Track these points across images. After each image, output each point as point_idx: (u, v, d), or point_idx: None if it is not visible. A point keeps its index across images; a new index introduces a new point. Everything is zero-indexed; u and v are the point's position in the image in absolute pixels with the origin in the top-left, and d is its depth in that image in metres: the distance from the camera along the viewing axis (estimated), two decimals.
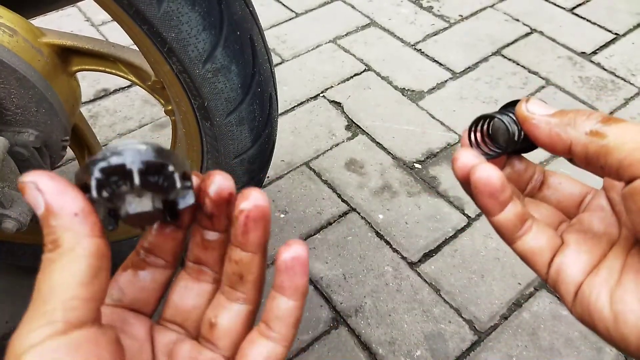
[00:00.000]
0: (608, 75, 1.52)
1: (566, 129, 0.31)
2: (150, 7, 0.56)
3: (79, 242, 0.27)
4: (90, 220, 0.28)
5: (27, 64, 0.68)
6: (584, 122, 0.30)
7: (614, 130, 0.29)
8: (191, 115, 0.70)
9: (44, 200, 0.27)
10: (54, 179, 0.27)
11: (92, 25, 1.66)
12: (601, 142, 0.29)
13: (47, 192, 0.27)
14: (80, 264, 0.27)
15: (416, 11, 1.76)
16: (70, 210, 0.27)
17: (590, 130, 0.29)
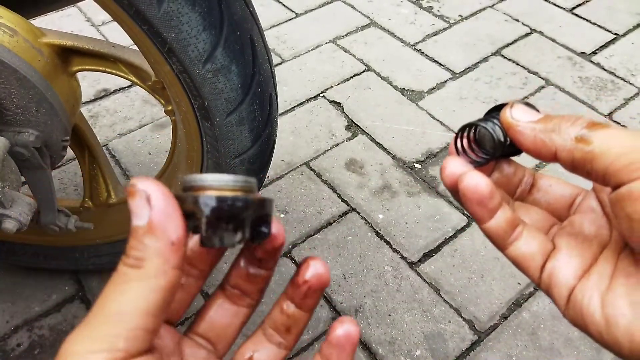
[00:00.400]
0: (608, 75, 1.52)
1: (551, 135, 0.31)
2: (151, 7, 0.57)
3: (165, 273, 0.26)
4: (181, 253, 0.27)
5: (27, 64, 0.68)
6: (569, 129, 0.30)
7: (599, 136, 0.28)
8: (191, 115, 0.70)
9: (149, 216, 0.26)
10: (165, 197, 0.26)
11: (93, 26, 1.66)
12: (586, 149, 0.29)
13: (156, 210, 0.26)
14: (157, 295, 0.26)
15: (416, 11, 1.76)
16: (170, 238, 0.26)
17: (575, 136, 0.29)
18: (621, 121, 1.39)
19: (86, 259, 1.00)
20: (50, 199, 0.80)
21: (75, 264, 1.02)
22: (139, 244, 0.26)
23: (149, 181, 0.26)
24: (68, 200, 0.99)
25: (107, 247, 0.97)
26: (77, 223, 0.87)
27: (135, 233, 0.26)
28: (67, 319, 1.01)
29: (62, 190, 1.22)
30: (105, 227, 0.95)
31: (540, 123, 0.31)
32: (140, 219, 0.26)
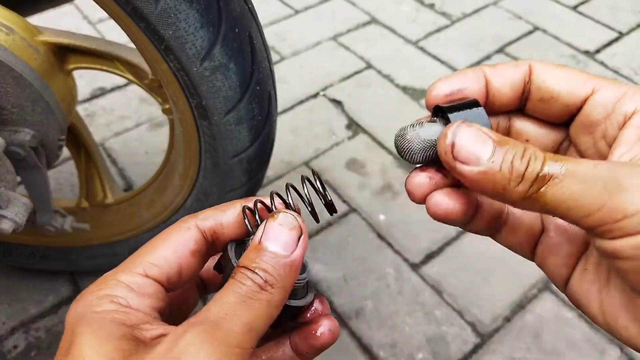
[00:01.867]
0: (612, 74, 1.51)
1: (501, 190, 0.28)
2: (148, 5, 0.55)
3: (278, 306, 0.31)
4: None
5: (23, 62, 0.67)
6: (517, 188, 0.27)
7: (550, 194, 0.27)
8: (189, 114, 0.68)
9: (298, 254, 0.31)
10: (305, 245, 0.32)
11: (90, 23, 1.65)
12: (537, 206, 0.28)
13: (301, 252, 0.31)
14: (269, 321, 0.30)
15: (417, 8, 1.75)
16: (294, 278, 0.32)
17: (525, 196, 0.28)
18: None
19: (82, 260, 0.99)
20: (46, 199, 0.79)
21: (72, 265, 1.01)
22: (275, 270, 0.29)
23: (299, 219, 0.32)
24: (64, 201, 0.98)
25: (104, 248, 0.96)
26: (73, 224, 0.86)
27: (274, 258, 0.30)
28: (63, 321, 0.99)
29: (58, 190, 1.21)
30: (101, 227, 0.94)
31: (485, 178, 0.28)
32: (287, 249, 0.30)
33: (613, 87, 0.32)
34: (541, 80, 0.33)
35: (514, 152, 0.27)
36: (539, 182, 0.27)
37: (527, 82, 0.33)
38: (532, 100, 0.34)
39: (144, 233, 0.91)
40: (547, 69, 0.33)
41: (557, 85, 0.33)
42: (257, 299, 0.28)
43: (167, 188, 0.86)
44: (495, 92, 0.34)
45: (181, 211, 0.84)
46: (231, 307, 0.28)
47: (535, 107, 0.34)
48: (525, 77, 0.33)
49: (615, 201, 0.25)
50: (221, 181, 0.76)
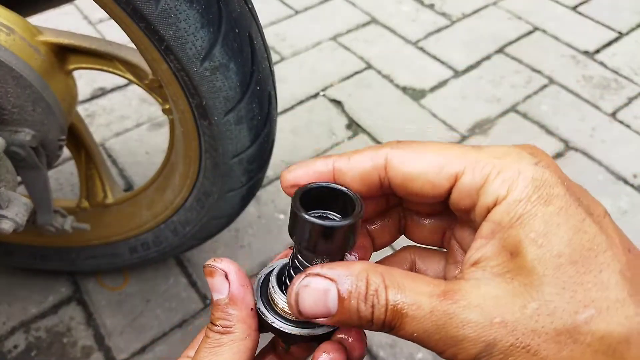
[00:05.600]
0: (611, 74, 1.51)
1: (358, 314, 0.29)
2: (148, 5, 0.55)
3: (249, 335, 0.31)
4: (257, 317, 0.32)
5: (24, 62, 0.67)
6: (372, 328, 0.29)
7: (400, 334, 0.28)
8: (189, 114, 0.69)
9: (229, 290, 0.31)
10: (240, 273, 0.32)
11: (90, 24, 1.65)
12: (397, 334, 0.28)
13: (234, 284, 0.31)
14: (246, 354, 0.31)
15: (417, 9, 1.75)
16: (248, 305, 0.32)
17: (382, 330, 0.29)
18: (625, 120, 1.38)
19: (82, 260, 0.99)
20: (47, 199, 0.79)
21: (72, 265, 1.01)
22: (224, 314, 0.31)
23: (225, 261, 0.32)
24: (64, 201, 0.98)
25: (104, 248, 0.96)
26: (73, 224, 0.86)
27: (217, 305, 0.32)
28: (63, 321, 1.00)
29: (58, 190, 1.21)
30: (101, 227, 0.94)
31: (338, 320, 0.29)
32: (221, 294, 0.31)
33: (475, 170, 0.29)
34: (397, 163, 0.31)
35: (357, 295, 0.28)
36: (387, 326, 0.28)
37: (382, 172, 0.31)
38: (396, 188, 0.31)
39: (145, 233, 0.91)
40: (405, 152, 0.30)
41: (413, 168, 0.30)
42: (222, 343, 0.31)
43: (168, 188, 0.86)
44: (346, 184, 0.32)
45: (181, 211, 0.84)
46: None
47: (403, 194, 0.32)
48: (379, 166, 0.31)
49: (454, 348, 0.26)
50: (221, 181, 0.76)
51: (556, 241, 0.26)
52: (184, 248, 0.94)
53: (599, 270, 0.26)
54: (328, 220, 0.29)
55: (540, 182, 0.27)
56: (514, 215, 0.27)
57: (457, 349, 0.26)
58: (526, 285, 0.26)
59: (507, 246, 0.27)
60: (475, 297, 0.26)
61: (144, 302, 1.02)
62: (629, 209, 1.19)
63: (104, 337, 0.98)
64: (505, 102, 1.44)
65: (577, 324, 0.25)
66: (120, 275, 1.06)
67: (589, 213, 0.27)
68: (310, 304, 0.29)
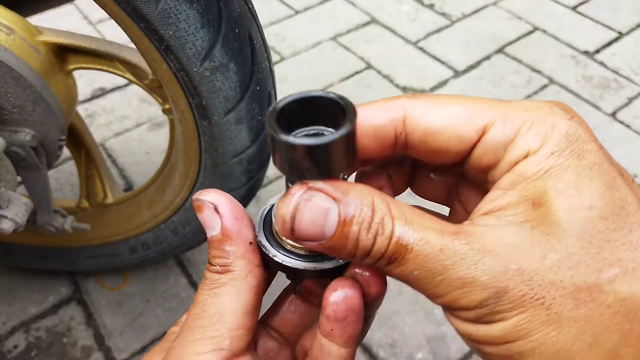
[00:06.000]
0: (611, 74, 1.51)
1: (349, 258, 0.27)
2: (148, 5, 0.55)
3: (250, 271, 0.28)
4: (258, 251, 0.29)
5: (24, 62, 0.67)
6: (365, 261, 0.26)
7: (396, 272, 0.26)
8: (189, 114, 0.69)
9: (221, 224, 0.28)
10: (232, 203, 0.28)
11: (90, 24, 1.65)
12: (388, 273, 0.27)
13: (226, 216, 0.28)
14: (250, 294, 0.28)
15: (417, 9, 1.75)
16: (247, 239, 0.28)
17: (374, 266, 0.26)
18: (625, 120, 1.38)
19: (82, 260, 0.99)
20: (47, 199, 0.79)
21: (72, 265, 1.01)
22: (220, 252, 0.28)
23: (212, 192, 0.28)
24: (64, 201, 0.98)
25: (104, 248, 0.96)
26: (73, 224, 0.86)
27: (212, 243, 0.28)
28: (63, 321, 1.00)
29: (58, 190, 1.21)
30: (101, 227, 0.94)
31: (331, 246, 0.26)
32: (213, 230, 0.28)
33: (506, 123, 0.27)
34: (419, 115, 0.28)
35: (360, 221, 0.25)
36: (385, 260, 0.25)
37: (399, 125, 0.28)
38: (414, 144, 0.29)
39: (145, 233, 0.91)
40: (426, 103, 0.28)
41: (437, 119, 0.28)
42: (222, 283, 0.28)
43: (168, 188, 0.86)
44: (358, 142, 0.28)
45: (181, 211, 0.84)
46: (211, 309, 0.28)
47: (420, 152, 0.29)
48: (396, 119, 0.28)
49: (459, 291, 0.24)
50: (221, 181, 0.76)
51: (588, 194, 0.25)
52: (184, 248, 0.94)
53: (629, 230, 0.24)
54: (315, 138, 0.24)
55: (575, 137, 0.26)
56: (543, 167, 0.25)
57: (461, 293, 0.24)
58: (548, 235, 0.24)
59: (530, 196, 0.25)
60: (490, 241, 0.24)
61: (144, 302, 1.02)
62: None
63: (104, 337, 0.98)
64: None
65: (599, 282, 0.24)
66: (120, 275, 1.06)
67: (621, 173, 0.26)
68: (307, 222, 0.25)
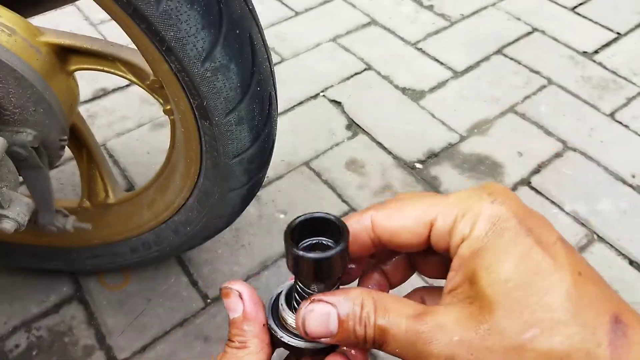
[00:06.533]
0: (610, 74, 1.52)
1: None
2: (149, 6, 0.56)
3: (263, 349, 0.35)
4: (269, 333, 0.36)
5: (25, 63, 0.67)
6: (366, 347, 0.33)
7: (386, 351, 0.32)
8: (190, 115, 0.69)
9: (243, 309, 0.35)
10: (252, 292, 0.36)
11: (91, 24, 1.65)
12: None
13: (247, 302, 0.35)
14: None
15: (417, 10, 1.75)
16: (261, 321, 0.36)
17: (373, 349, 0.34)
18: (623, 121, 1.39)
19: (84, 260, 1.00)
20: (48, 199, 0.79)
21: (73, 264, 1.01)
22: (240, 330, 0.35)
23: (238, 282, 0.36)
24: (66, 201, 0.98)
25: (105, 247, 0.96)
26: (75, 223, 0.86)
27: (234, 323, 0.35)
28: (65, 320, 1.00)
29: (59, 190, 1.21)
30: (103, 227, 0.94)
31: (338, 340, 0.33)
32: (236, 312, 0.35)
33: (445, 216, 0.33)
34: (382, 222, 0.35)
35: (353, 317, 0.32)
36: (377, 343, 0.32)
37: (370, 232, 0.36)
38: (385, 243, 0.36)
39: (146, 233, 0.92)
40: (387, 212, 0.35)
41: (395, 224, 0.35)
42: (240, 357, 0.35)
43: (169, 188, 0.87)
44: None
45: (182, 211, 0.85)
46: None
47: (393, 247, 0.36)
48: (367, 227, 0.36)
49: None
50: (222, 181, 0.76)
51: (504, 268, 0.30)
52: (184, 247, 0.94)
53: (544, 293, 0.29)
54: (316, 252, 0.33)
55: (496, 218, 0.31)
56: (473, 249, 0.31)
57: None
58: (481, 308, 0.30)
59: (467, 275, 0.31)
60: (441, 319, 0.31)
61: (145, 302, 1.03)
62: (628, 209, 1.19)
63: (105, 337, 0.98)
64: (504, 102, 1.44)
65: (522, 343, 0.28)
66: (121, 274, 1.06)
67: (539, 241, 0.30)
68: (315, 326, 0.33)
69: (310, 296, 0.34)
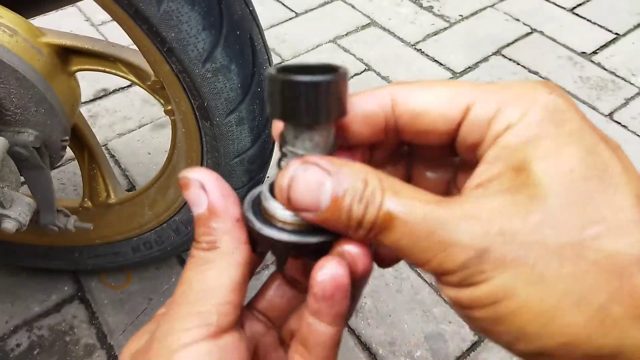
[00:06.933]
0: (608, 75, 1.52)
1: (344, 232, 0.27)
2: (150, 7, 0.56)
3: (237, 248, 0.28)
4: (245, 228, 0.29)
5: (27, 63, 0.68)
6: (357, 233, 0.26)
7: (387, 241, 0.26)
8: (191, 115, 0.69)
9: (207, 201, 0.28)
10: (219, 180, 0.29)
11: (92, 25, 1.66)
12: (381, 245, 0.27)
13: (212, 194, 0.28)
14: (237, 270, 0.28)
15: (416, 11, 1.76)
16: (233, 216, 0.28)
17: (366, 238, 0.26)
18: (622, 121, 1.39)
19: (85, 259, 1.00)
20: (50, 199, 0.79)
21: (75, 264, 1.02)
22: (206, 229, 0.28)
23: (198, 170, 0.29)
24: (67, 201, 0.98)
25: (107, 247, 0.97)
26: (76, 223, 0.86)
27: (199, 220, 0.28)
28: (66, 319, 1.01)
29: (61, 190, 1.22)
30: (104, 227, 0.95)
31: (325, 218, 0.26)
32: (200, 207, 0.28)
33: (488, 101, 0.27)
34: (405, 98, 0.29)
35: (353, 193, 0.26)
36: (376, 229, 0.26)
37: (388, 110, 0.29)
38: (404, 127, 0.29)
39: (146, 233, 0.92)
40: (411, 88, 0.29)
41: (422, 101, 0.28)
42: (208, 260, 0.28)
43: (170, 188, 0.87)
44: (348, 128, 0.30)
45: (183, 211, 0.85)
46: (198, 285, 0.28)
47: (410, 135, 0.30)
48: (384, 104, 0.29)
49: (442, 254, 0.24)
50: None
51: (567, 158, 0.25)
52: (186, 247, 0.94)
53: (613, 191, 0.24)
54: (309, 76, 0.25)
55: (554, 108, 0.26)
56: (523, 137, 0.25)
57: (444, 256, 0.24)
58: (531, 197, 0.24)
59: (513, 165, 0.25)
60: (472, 207, 0.25)
61: (147, 301, 1.03)
62: None
63: (106, 336, 0.99)
64: None
65: (583, 240, 0.23)
66: (123, 274, 1.07)
67: (604, 139, 0.26)
68: (301, 192, 0.26)
69: (301, 157, 0.27)
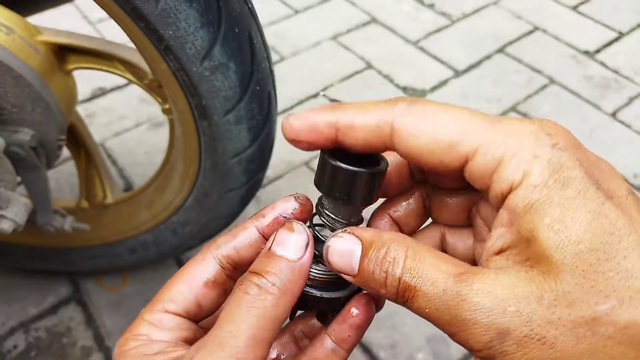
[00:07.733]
0: (612, 74, 1.51)
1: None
2: (148, 4, 0.55)
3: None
4: None
5: (23, 62, 0.67)
6: (387, 295, 0.29)
7: (413, 308, 0.28)
8: (189, 114, 0.68)
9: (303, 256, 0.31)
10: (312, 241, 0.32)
11: (89, 23, 1.64)
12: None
13: (307, 256, 0.32)
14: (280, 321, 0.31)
15: (418, 8, 1.75)
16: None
17: (396, 301, 0.29)
18: (625, 120, 1.38)
19: (82, 261, 0.99)
20: (46, 199, 0.79)
21: (72, 265, 1.01)
22: (284, 273, 0.30)
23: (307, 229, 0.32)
24: (64, 201, 0.98)
25: (103, 248, 0.96)
26: (73, 224, 0.86)
27: (279, 262, 0.30)
28: (63, 321, 1.00)
29: (57, 190, 1.21)
30: (101, 227, 0.94)
31: (359, 280, 0.30)
32: (291, 253, 0.30)
33: (488, 152, 0.27)
34: (405, 136, 0.29)
35: (374, 259, 0.28)
36: (401, 296, 0.28)
37: (389, 140, 0.29)
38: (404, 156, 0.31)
39: (144, 233, 0.91)
40: (414, 121, 0.28)
41: (420, 145, 0.28)
42: (262, 306, 0.29)
43: (167, 188, 0.86)
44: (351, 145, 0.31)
45: (181, 211, 0.84)
46: (235, 323, 0.28)
47: (415, 169, 0.34)
48: (384, 136, 0.29)
49: (466, 333, 0.26)
50: (221, 181, 0.76)
51: (574, 227, 0.24)
52: (183, 248, 0.93)
53: (622, 257, 0.24)
54: (358, 166, 0.31)
55: (558, 166, 0.26)
56: (529, 201, 0.25)
57: (467, 334, 0.25)
58: (544, 273, 0.25)
59: (523, 233, 0.26)
60: (491, 283, 0.25)
61: (143, 303, 1.02)
62: None
63: (103, 338, 0.98)
64: (505, 101, 1.43)
65: (597, 315, 0.24)
66: (120, 275, 1.06)
67: (609, 196, 0.25)
68: (336, 257, 0.30)
69: (344, 228, 0.32)
